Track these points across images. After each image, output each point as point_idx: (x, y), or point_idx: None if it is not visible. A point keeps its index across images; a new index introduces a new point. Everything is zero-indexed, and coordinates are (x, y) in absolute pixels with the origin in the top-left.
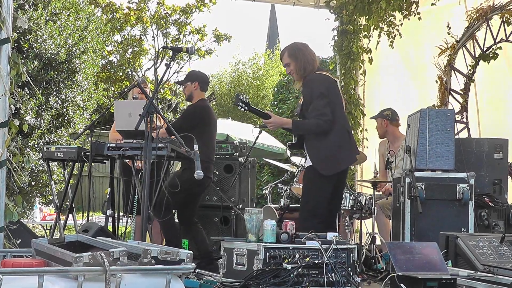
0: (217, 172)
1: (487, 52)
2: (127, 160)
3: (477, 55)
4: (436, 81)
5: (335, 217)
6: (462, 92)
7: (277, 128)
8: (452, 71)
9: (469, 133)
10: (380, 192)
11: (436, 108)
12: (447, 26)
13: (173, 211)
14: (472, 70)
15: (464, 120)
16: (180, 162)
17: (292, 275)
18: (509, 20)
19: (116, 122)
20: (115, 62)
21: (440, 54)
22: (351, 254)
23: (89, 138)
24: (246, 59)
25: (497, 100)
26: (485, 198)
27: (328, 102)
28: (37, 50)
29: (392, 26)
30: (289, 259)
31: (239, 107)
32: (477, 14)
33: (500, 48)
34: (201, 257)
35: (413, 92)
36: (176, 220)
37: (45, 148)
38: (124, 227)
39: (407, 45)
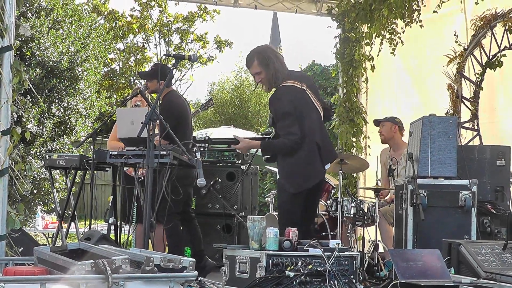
0: (220, 180)
1: (493, 59)
2: (126, 169)
3: (483, 63)
4: (448, 89)
5: (310, 224)
6: (472, 100)
7: (246, 151)
8: (462, 79)
9: (481, 140)
10: (385, 200)
11: (449, 116)
12: (455, 35)
13: (178, 212)
14: (480, 77)
15: (476, 127)
16: None
17: (294, 283)
18: None
19: (118, 129)
20: (118, 70)
21: (449, 62)
22: (354, 262)
23: (91, 146)
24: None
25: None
26: (488, 205)
27: (295, 118)
28: (40, 58)
29: (394, 33)
30: (292, 267)
31: (201, 149)
32: (482, 22)
33: (504, 55)
34: (193, 254)
35: (415, 100)
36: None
37: (47, 156)
38: (126, 235)
39: (408, 52)
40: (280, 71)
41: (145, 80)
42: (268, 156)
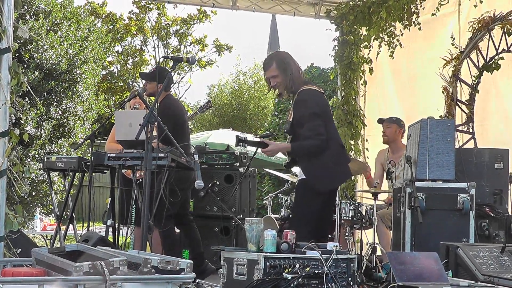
0: (218, 182)
1: (490, 62)
2: (124, 171)
3: (480, 66)
4: (443, 92)
5: (327, 226)
6: (467, 103)
7: (275, 154)
8: (458, 81)
9: (476, 143)
10: (382, 202)
11: (443, 118)
12: (451, 37)
13: (174, 215)
14: (476, 80)
15: (470, 130)
16: None
17: (292, 285)
18: (510, 31)
19: (116, 132)
20: (116, 73)
21: (445, 65)
22: (352, 264)
23: (90, 148)
24: (247, 70)
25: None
26: (486, 208)
27: (322, 120)
28: (38, 60)
29: (393, 36)
30: (290, 269)
31: (240, 146)
32: (479, 25)
33: (502, 58)
34: (193, 257)
35: (413, 102)
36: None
37: (45, 158)
38: (124, 237)
39: (406, 54)
40: (296, 76)
41: (145, 81)
42: (289, 161)
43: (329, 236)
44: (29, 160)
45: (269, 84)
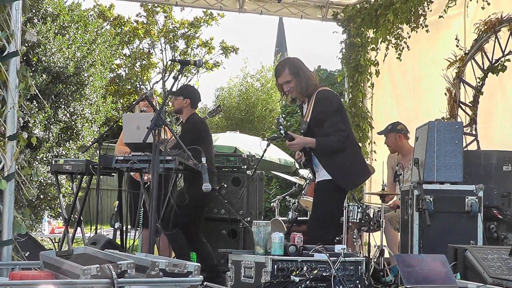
0: (225, 185)
1: (496, 64)
2: (132, 174)
3: (485, 67)
4: (445, 94)
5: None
6: (471, 105)
7: (301, 148)
8: (461, 83)
9: (478, 145)
10: (387, 205)
11: (445, 120)
12: (456, 39)
13: (182, 225)
14: (481, 82)
15: (474, 132)
16: (182, 178)
17: None
18: None
19: (124, 135)
20: (124, 76)
21: (448, 66)
22: (359, 267)
23: (98, 151)
24: (254, 72)
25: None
26: (494, 211)
27: (342, 118)
28: (46, 64)
29: (400, 38)
30: (297, 272)
31: (279, 130)
32: (486, 27)
33: (508, 60)
34: (207, 270)
35: (420, 104)
36: None
37: (53, 161)
38: (132, 240)
39: (413, 56)
40: (311, 79)
41: (173, 97)
42: (306, 161)
43: (337, 238)
44: (37, 163)
45: (282, 91)
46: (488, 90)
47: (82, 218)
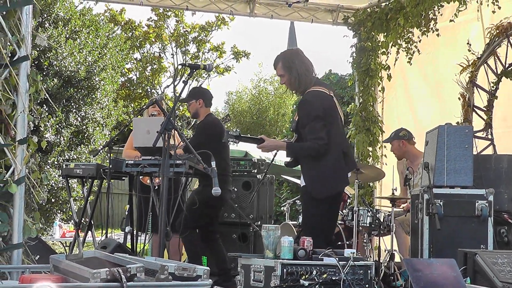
0: (236, 189)
1: (510, 68)
2: (140, 178)
3: (499, 72)
4: (459, 98)
5: (332, 234)
6: (485, 109)
7: (271, 151)
8: (475, 88)
9: (495, 149)
10: (400, 209)
11: (460, 125)
12: (468, 43)
13: (196, 228)
14: (494, 86)
15: (489, 137)
16: (198, 179)
17: None
18: None
19: (134, 139)
20: (135, 80)
21: (461, 71)
22: (369, 271)
23: (108, 155)
24: (268, 76)
25: None
26: (504, 215)
27: (324, 124)
28: (57, 68)
29: (411, 42)
30: (306, 276)
31: (230, 143)
32: (498, 31)
33: None
34: (219, 273)
35: (431, 109)
36: None
37: (64, 165)
38: (142, 243)
39: (425, 61)
40: (303, 76)
41: (186, 103)
42: (290, 160)
43: (347, 243)
44: (48, 167)
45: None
46: (505, 94)
47: (92, 222)
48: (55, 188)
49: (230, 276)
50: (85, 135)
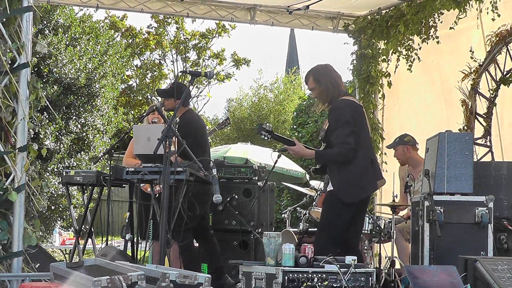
0: (236, 196)
1: (507, 75)
2: (141, 185)
3: (498, 79)
4: (462, 105)
5: (357, 241)
6: (485, 116)
7: (299, 157)
8: (477, 95)
9: (493, 157)
10: (399, 216)
11: (465, 132)
12: (470, 51)
13: (192, 228)
14: (494, 93)
15: (488, 144)
16: None
17: None
18: None
19: (135, 146)
20: (135, 87)
21: (463, 78)
22: (370, 278)
23: (109, 162)
24: (268, 83)
25: None
26: (504, 222)
27: (352, 131)
28: (57, 75)
29: (411, 50)
30: (308, 283)
31: (263, 136)
32: (497, 38)
33: None
34: (211, 272)
35: (431, 116)
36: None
37: (64, 172)
38: (143, 251)
39: (425, 68)
40: (330, 88)
41: (162, 98)
42: (318, 167)
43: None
44: (48, 174)
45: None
46: (504, 101)
47: (93, 230)
48: (55, 195)
49: (221, 273)
50: (85, 142)
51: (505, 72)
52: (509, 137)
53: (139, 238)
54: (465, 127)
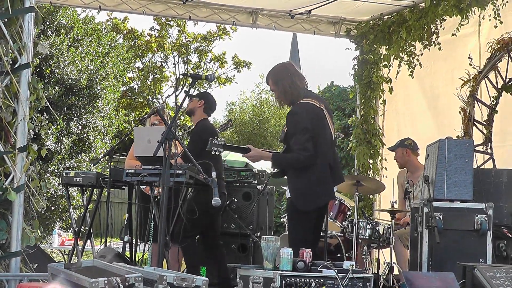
0: (236, 200)
1: (510, 83)
2: (143, 187)
3: (499, 86)
4: (460, 112)
5: (316, 245)
6: (485, 123)
7: (257, 161)
8: (475, 102)
9: (494, 164)
10: (397, 222)
11: (461, 139)
12: (469, 57)
13: (195, 236)
14: (495, 101)
15: (489, 151)
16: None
17: None
18: None
19: (135, 148)
20: (136, 89)
21: (462, 85)
22: (368, 283)
23: (109, 164)
24: (269, 87)
25: None
26: (504, 229)
27: (311, 136)
28: (59, 76)
29: (413, 56)
30: None
31: (213, 152)
32: (498, 46)
33: None
34: (219, 283)
35: (431, 122)
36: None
37: (64, 173)
38: (141, 253)
39: (425, 74)
40: (288, 91)
41: (189, 99)
42: (277, 171)
43: (346, 255)
44: (48, 175)
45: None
46: (505, 108)
47: (92, 231)
48: (55, 196)
49: (229, 286)
50: (86, 144)
51: (507, 80)
52: (504, 145)
53: (137, 240)
54: (463, 134)
